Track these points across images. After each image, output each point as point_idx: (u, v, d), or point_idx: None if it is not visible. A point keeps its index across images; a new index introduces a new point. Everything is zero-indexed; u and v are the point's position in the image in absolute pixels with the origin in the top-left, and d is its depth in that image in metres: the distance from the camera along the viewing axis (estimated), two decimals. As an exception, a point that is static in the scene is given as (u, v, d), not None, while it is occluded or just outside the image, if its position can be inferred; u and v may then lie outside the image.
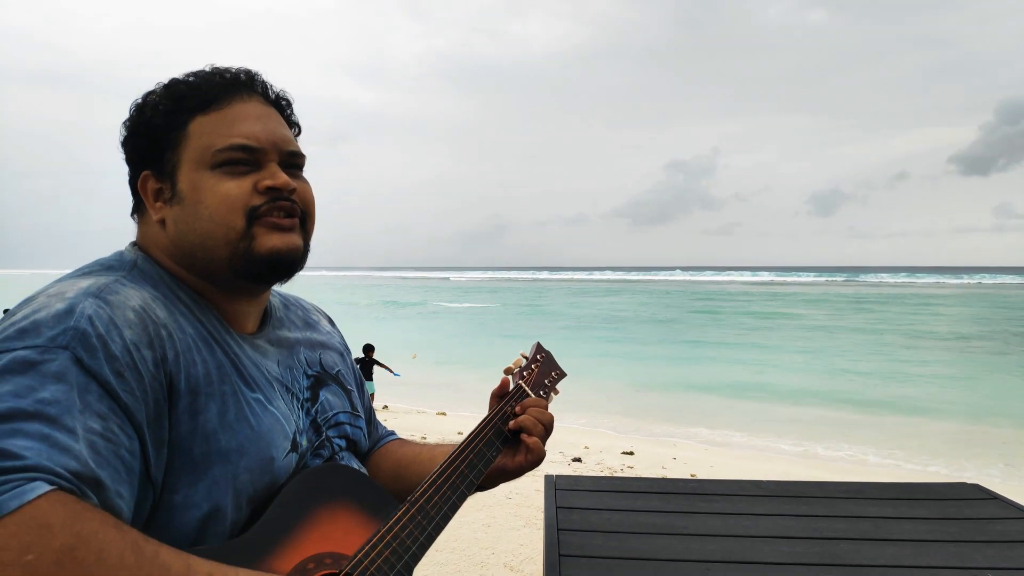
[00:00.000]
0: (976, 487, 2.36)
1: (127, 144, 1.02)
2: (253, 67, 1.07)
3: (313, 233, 1.07)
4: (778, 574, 1.66)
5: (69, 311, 0.82)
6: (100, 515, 0.70)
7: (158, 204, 0.99)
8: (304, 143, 1.10)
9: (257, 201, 0.97)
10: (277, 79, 1.08)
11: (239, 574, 0.76)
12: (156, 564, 0.71)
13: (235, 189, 0.96)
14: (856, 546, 1.82)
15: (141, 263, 0.98)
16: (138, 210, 1.04)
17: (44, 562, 0.65)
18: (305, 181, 1.06)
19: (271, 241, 0.97)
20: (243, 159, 0.97)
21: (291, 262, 1.00)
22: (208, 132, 0.97)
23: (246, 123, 0.99)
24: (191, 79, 1.02)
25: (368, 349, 12.38)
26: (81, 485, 0.71)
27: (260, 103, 1.04)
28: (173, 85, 1.01)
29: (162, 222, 0.99)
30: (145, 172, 1.00)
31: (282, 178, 0.99)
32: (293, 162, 1.04)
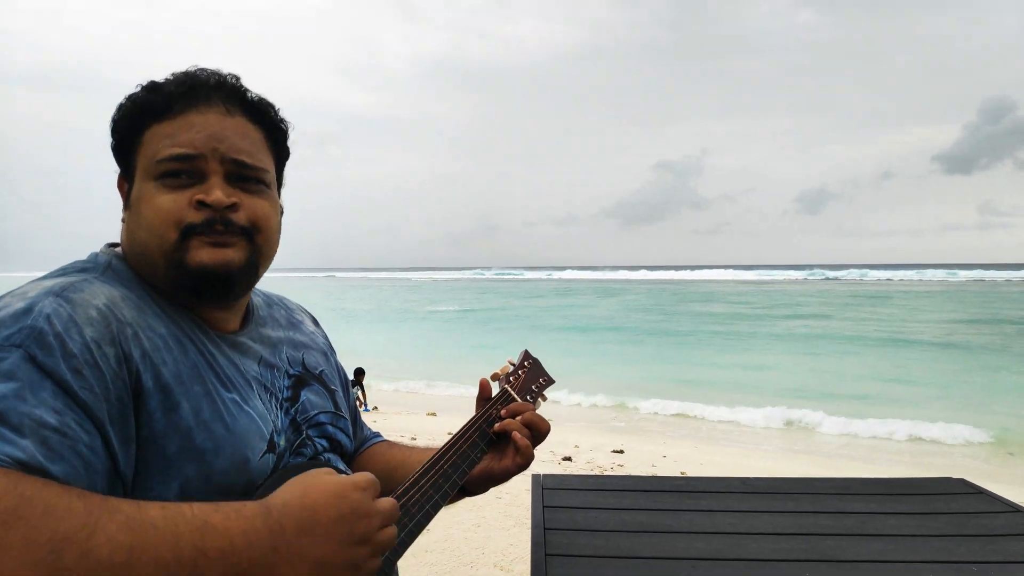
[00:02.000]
0: (961, 481, 2.37)
1: (113, 145, 1.02)
2: (241, 70, 1.04)
3: (271, 247, 1.02)
4: (764, 570, 1.66)
5: (27, 310, 0.81)
6: (41, 480, 0.70)
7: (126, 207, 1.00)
8: (293, 145, 1.07)
9: (193, 218, 0.93)
10: (267, 81, 1.05)
11: (192, 507, 0.75)
12: (106, 506, 0.70)
13: (169, 203, 0.93)
14: (842, 542, 1.83)
15: (115, 264, 0.97)
16: (125, 206, 1.05)
17: None
18: (260, 195, 0.99)
19: (200, 256, 0.93)
20: (182, 169, 0.94)
21: (223, 278, 0.95)
22: (156, 141, 0.95)
23: (190, 132, 0.95)
24: (162, 83, 1.00)
25: (359, 373, 12.37)
26: (25, 472, 0.71)
27: (220, 112, 0.98)
28: (144, 89, 1.00)
29: (124, 223, 1.00)
30: (120, 175, 1.01)
31: (215, 194, 0.93)
32: (243, 173, 0.97)
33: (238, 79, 1.02)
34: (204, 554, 0.72)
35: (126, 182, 1.00)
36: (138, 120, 0.97)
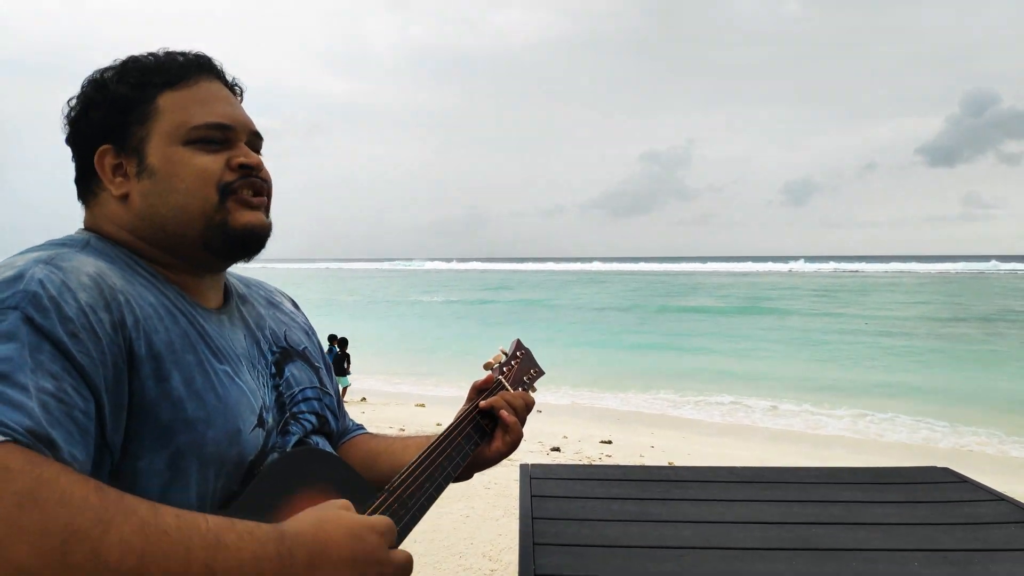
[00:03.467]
0: (946, 470, 2.39)
1: (80, 120, 1.00)
2: (225, 58, 1.09)
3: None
4: (751, 559, 1.67)
5: (19, 276, 0.80)
6: (59, 465, 0.69)
7: (118, 179, 0.98)
8: (280, 134, 1.11)
9: (230, 177, 0.99)
10: (252, 70, 1.09)
11: (207, 519, 0.73)
12: (122, 505, 0.69)
13: (211, 164, 0.98)
14: (828, 530, 1.84)
15: (94, 242, 0.96)
16: (86, 191, 1.03)
17: (5, 504, 0.63)
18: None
19: (245, 217, 1.00)
20: (217, 137, 0.99)
21: (261, 238, 1.03)
22: (181, 108, 0.98)
23: (218, 104, 1.01)
24: (168, 54, 1.02)
25: (343, 343, 12.37)
26: (36, 442, 0.70)
27: (221, 85, 1.05)
28: (136, 60, 1.01)
29: (123, 197, 0.98)
30: (104, 146, 0.98)
31: (254, 157, 1.02)
32: (257, 144, 1.07)
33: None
34: (213, 573, 0.70)
35: (117, 155, 0.98)
36: (146, 87, 0.98)
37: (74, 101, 1.01)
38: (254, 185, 1.02)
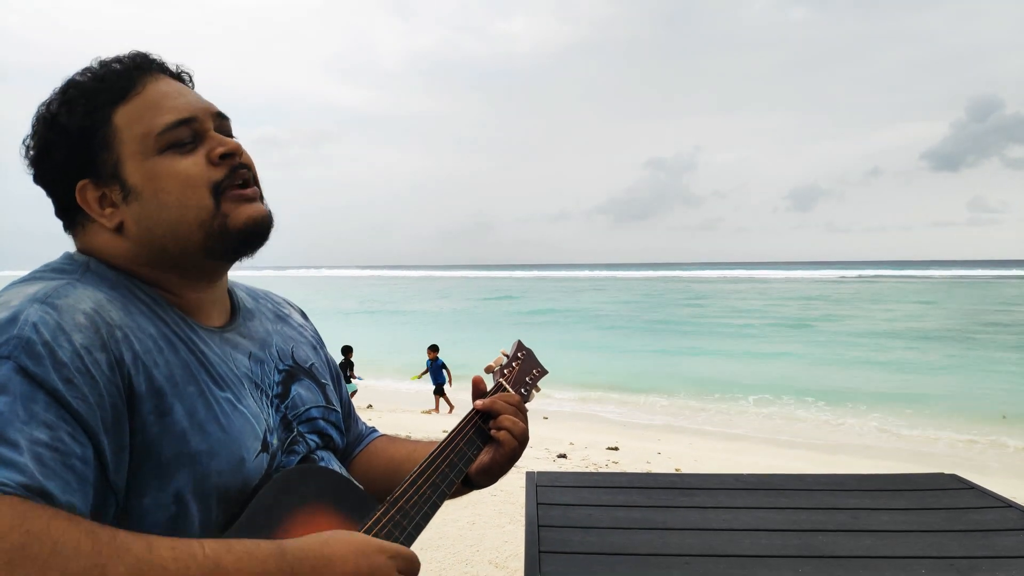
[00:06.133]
0: (953, 477, 2.38)
1: (44, 162, 0.95)
2: (236, 69, 1.05)
3: None
4: (757, 566, 1.67)
5: (13, 319, 0.79)
6: (49, 511, 0.68)
7: (108, 210, 0.94)
8: (287, 143, 1.07)
9: (218, 175, 0.95)
10: (261, 80, 1.06)
11: (204, 546, 0.73)
12: (114, 546, 0.68)
13: (192, 167, 0.94)
14: (834, 537, 1.83)
15: (94, 265, 0.94)
16: (72, 222, 0.98)
17: None
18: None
19: (244, 212, 0.96)
20: (186, 136, 0.95)
21: (265, 229, 1.00)
22: (138, 120, 0.93)
23: (170, 99, 0.96)
24: (89, 75, 0.97)
25: (347, 351, 12.41)
26: (29, 496, 0.69)
27: (168, 80, 1.00)
28: (76, 84, 0.96)
29: (118, 228, 0.94)
30: (82, 182, 0.94)
31: (230, 142, 0.97)
32: (225, 126, 1.02)
33: (153, 54, 1.03)
34: None
35: (97, 187, 0.94)
36: (97, 111, 0.94)
37: (30, 141, 0.96)
38: (243, 175, 0.98)
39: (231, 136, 1.02)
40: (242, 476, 0.91)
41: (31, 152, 0.96)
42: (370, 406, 12.49)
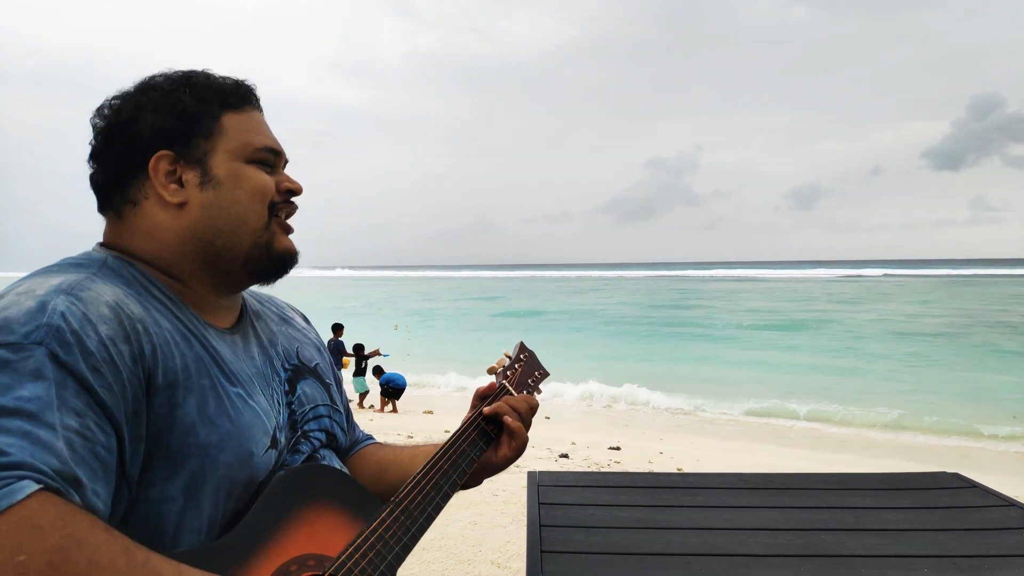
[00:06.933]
0: (955, 475, 2.38)
1: (134, 122, 0.99)
2: (237, 67, 1.15)
3: None
4: (759, 566, 1.67)
5: (41, 308, 0.81)
6: (89, 518, 0.70)
7: (172, 187, 0.99)
8: (290, 143, 1.17)
9: (277, 198, 1.06)
10: (263, 79, 1.16)
11: None
12: (147, 569, 0.70)
13: (268, 183, 1.05)
14: (837, 536, 1.83)
15: (111, 262, 0.96)
16: (122, 199, 1.01)
17: (36, 563, 0.64)
18: None
19: (285, 243, 1.07)
20: (270, 160, 1.06)
21: (291, 265, 1.09)
22: (243, 130, 1.04)
23: (267, 131, 1.08)
24: (228, 80, 1.07)
25: (358, 349, 12.49)
26: (64, 484, 0.71)
27: (262, 115, 1.11)
28: (205, 77, 1.05)
29: (180, 205, 0.99)
30: (163, 152, 0.99)
31: (297, 184, 1.10)
32: (285, 164, 1.13)
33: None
34: None
35: (173, 163, 0.99)
36: (214, 104, 1.03)
37: (118, 103, 1.01)
38: (294, 209, 1.09)
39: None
40: (250, 470, 0.93)
41: (117, 112, 1.00)
42: (372, 406, 12.50)
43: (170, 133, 0.99)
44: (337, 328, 12.67)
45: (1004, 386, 14.26)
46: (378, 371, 12.44)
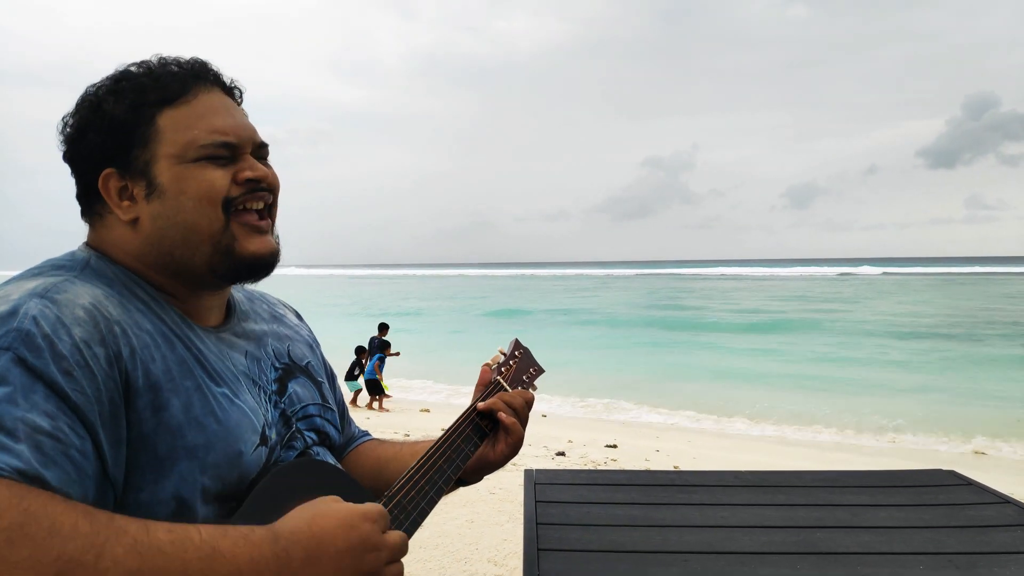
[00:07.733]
0: (951, 473, 2.38)
1: (78, 141, 0.98)
2: (233, 66, 1.08)
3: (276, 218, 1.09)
4: (755, 563, 1.67)
5: (12, 312, 0.80)
6: (46, 493, 0.69)
7: (125, 203, 0.96)
8: (287, 143, 1.11)
9: (235, 192, 0.98)
10: (261, 79, 1.09)
11: (200, 530, 0.74)
12: (112, 528, 0.69)
13: (218, 180, 0.96)
14: (832, 534, 1.84)
15: (94, 262, 0.95)
16: (90, 211, 1.01)
17: None
18: (272, 167, 1.07)
19: (252, 246, 0.99)
20: (222, 154, 0.98)
21: (269, 265, 1.03)
22: (183, 127, 0.96)
23: (219, 117, 0.99)
24: (145, 71, 0.99)
25: (360, 351, 12.51)
26: (24, 481, 0.70)
27: (220, 94, 1.03)
28: (130, 77, 0.98)
29: (133, 222, 0.96)
30: (108, 170, 0.96)
31: (260, 169, 1.01)
32: (261, 153, 1.05)
33: (211, 64, 1.06)
34: None
35: (121, 178, 0.96)
36: (143, 108, 0.96)
37: (69, 119, 0.99)
38: (261, 197, 1.01)
39: (266, 159, 1.06)
40: (239, 469, 0.92)
41: (68, 129, 0.98)
42: (369, 405, 12.49)
43: (108, 149, 0.95)
44: (382, 328, 13.00)
45: (1000, 383, 14.28)
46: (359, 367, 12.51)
